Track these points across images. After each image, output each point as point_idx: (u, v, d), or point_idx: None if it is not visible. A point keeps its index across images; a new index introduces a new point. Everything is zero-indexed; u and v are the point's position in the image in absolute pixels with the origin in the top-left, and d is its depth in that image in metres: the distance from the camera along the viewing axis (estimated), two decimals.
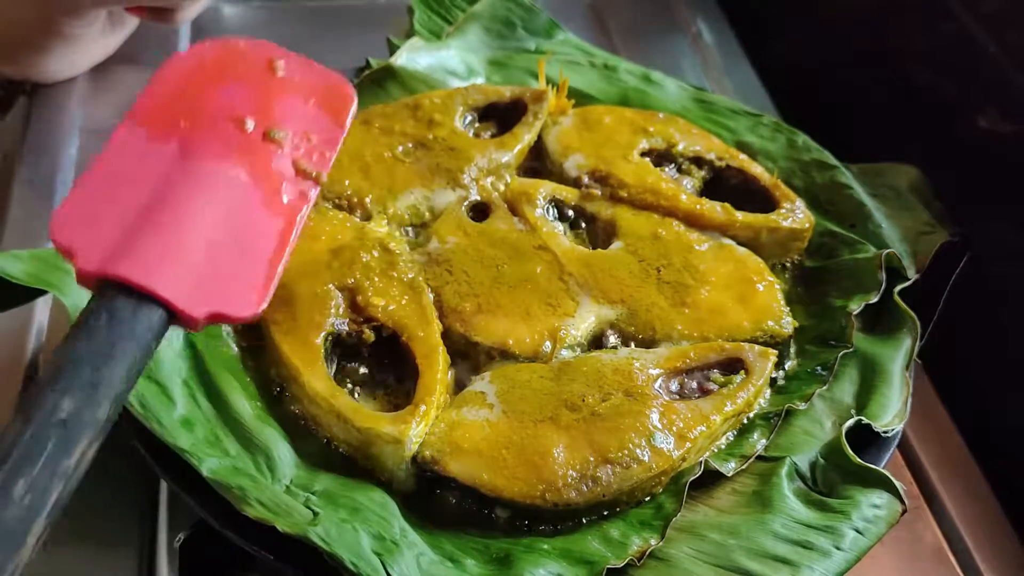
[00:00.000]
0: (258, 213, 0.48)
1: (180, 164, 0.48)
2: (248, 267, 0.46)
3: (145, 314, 0.42)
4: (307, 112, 0.54)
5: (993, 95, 0.72)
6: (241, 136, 0.51)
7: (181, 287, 0.43)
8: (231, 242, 0.46)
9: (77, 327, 0.41)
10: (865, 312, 0.63)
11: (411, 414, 0.54)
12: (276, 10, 0.99)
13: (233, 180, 0.49)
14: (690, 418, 0.55)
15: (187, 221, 0.45)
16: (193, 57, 0.54)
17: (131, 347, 0.41)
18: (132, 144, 0.49)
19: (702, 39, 1.00)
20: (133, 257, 0.43)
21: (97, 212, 0.45)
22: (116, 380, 0.40)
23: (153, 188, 0.47)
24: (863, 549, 0.52)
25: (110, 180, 0.47)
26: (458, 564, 0.51)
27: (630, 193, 0.69)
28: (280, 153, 0.51)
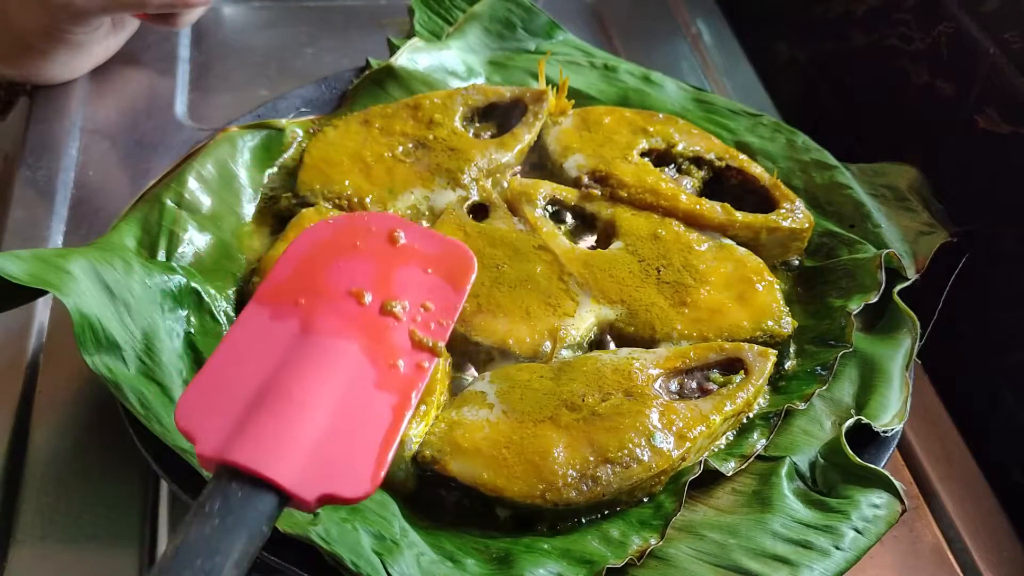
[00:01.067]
0: (373, 390, 0.48)
1: (299, 341, 0.49)
2: (361, 446, 0.46)
3: (258, 499, 0.42)
4: (425, 281, 0.55)
5: (993, 95, 0.72)
6: (359, 310, 0.52)
7: (294, 471, 0.43)
8: (346, 421, 0.46)
9: (192, 515, 0.41)
10: (865, 312, 0.64)
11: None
12: (276, 10, 0.99)
13: (350, 356, 0.49)
14: (690, 418, 0.55)
15: (303, 401, 0.46)
16: (317, 233, 0.55)
17: (242, 535, 0.41)
18: (256, 324, 0.50)
19: (702, 39, 1.01)
20: (248, 442, 0.43)
21: (218, 395, 0.46)
22: (228, 569, 0.40)
23: (272, 367, 0.47)
24: (863, 549, 0.52)
25: (232, 361, 0.48)
26: (458, 564, 0.51)
27: (630, 193, 0.69)
28: (397, 325, 0.52)
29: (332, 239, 0.55)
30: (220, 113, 0.85)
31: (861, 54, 0.89)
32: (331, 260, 0.54)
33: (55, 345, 0.65)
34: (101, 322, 0.55)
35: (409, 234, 0.56)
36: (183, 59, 0.92)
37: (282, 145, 0.72)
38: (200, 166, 0.67)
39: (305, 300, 0.51)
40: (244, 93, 0.88)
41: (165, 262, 0.62)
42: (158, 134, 0.83)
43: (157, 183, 0.66)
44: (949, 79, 0.77)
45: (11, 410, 0.61)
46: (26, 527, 0.56)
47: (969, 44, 0.74)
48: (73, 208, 0.75)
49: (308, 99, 0.77)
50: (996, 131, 0.72)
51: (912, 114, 0.82)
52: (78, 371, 0.62)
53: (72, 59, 0.82)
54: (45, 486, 0.58)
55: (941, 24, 0.77)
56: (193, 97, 0.88)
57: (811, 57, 0.97)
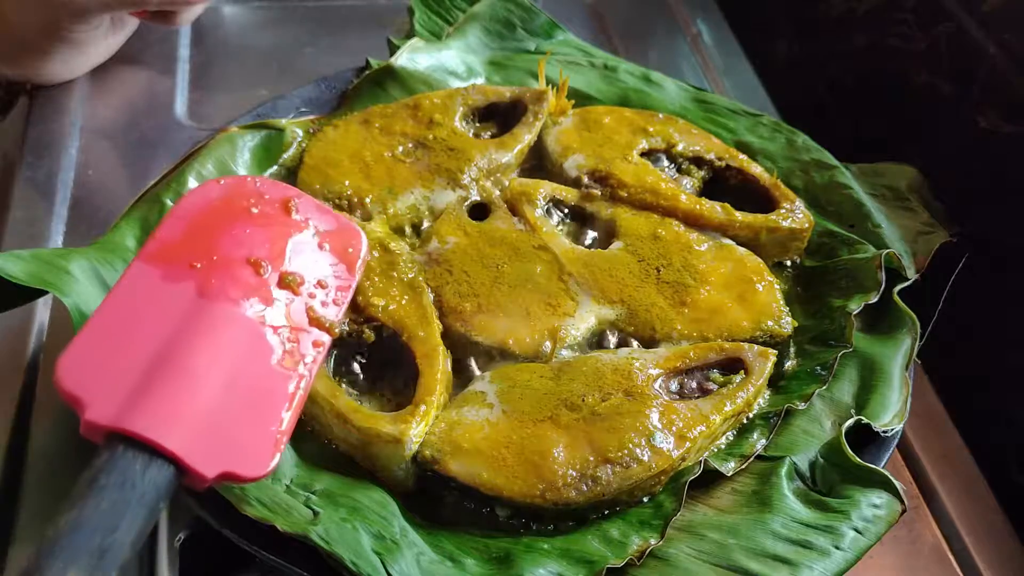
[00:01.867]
0: (272, 365, 0.47)
1: (195, 308, 0.46)
2: (260, 423, 0.44)
3: (155, 473, 0.40)
4: (321, 257, 0.53)
5: (993, 95, 0.72)
6: (258, 281, 0.49)
7: (193, 445, 0.41)
8: (244, 395, 0.44)
9: (84, 487, 0.39)
10: (865, 312, 0.63)
11: (411, 414, 0.54)
12: (276, 10, 0.99)
13: (249, 329, 0.47)
14: (690, 418, 0.55)
15: (201, 372, 0.44)
16: (208, 193, 0.52)
17: (141, 510, 0.39)
18: (144, 284, 0.47)
19: (702, 39, 1.01)
20: (146, 411, 0.41)
21: (107, 357, 0.43)
22: (125, 546, 0.38)
23: (167, 332, 0.45)
24: (862, 549, 0.52)
25: (121, 322, 0.45)
26: (458, 564, 0.51)
27: (630, 193, 0.69)
28: (294, 300, 0.50)
29: (225, 202, 0.52)
30: (220, 113, 0.85)
31: (861, 54, 0.89)
32: (226, 224, 0.51)
33: (55, 345, 0.65)
34: None
35: (303, 206, 0.54)
36: (183, 59, 0.92)
37: (282, 145, 0.72)
38: (200, 166, 0.67)
39: (201, 264, 0.48)
40: (244, 93, 0.88)
41: None
42: (158, 134, 0.83)
43: (157, 183, 0.66)
44: (949, 79, 0.77)
45: (11, 410, 0.61)
46: (26, 527, 0.56)
47: (969, 44, 0.74)
48: (73, 208, 0.75)
49: (308, 99, 0.77)
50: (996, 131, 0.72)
51: (912, 114, 0.82)
52: None
53: (72, 58, 0.82)
54: (45, 486, 0.58)
55: (941, 24, 0.77)
56: (193, 97, 0.88)
57: (811, 57, 0.97)
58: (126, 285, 0.47)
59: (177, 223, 0.50)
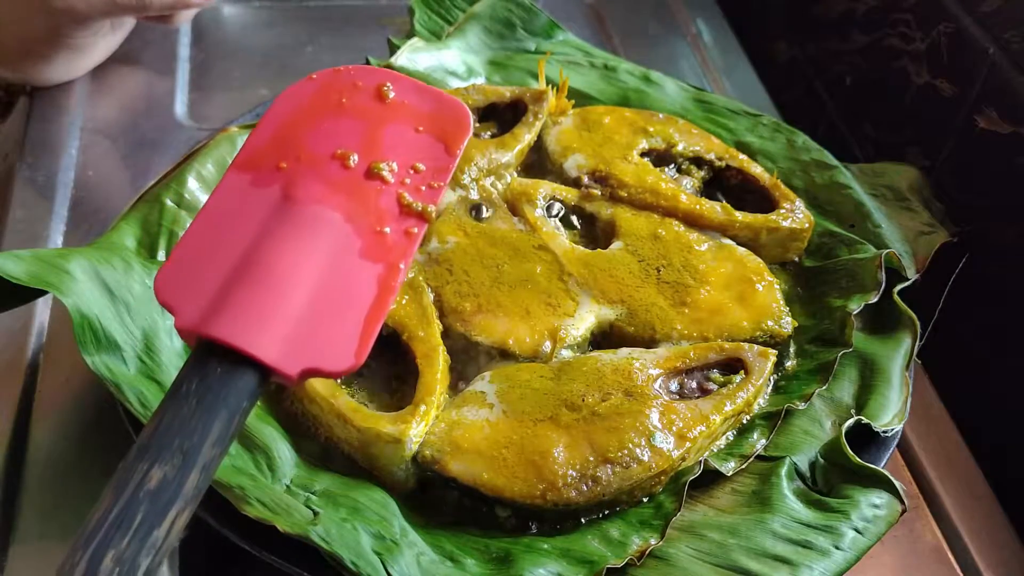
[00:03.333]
0: (358, 260, 0.46)
1: (280, 210, 0.46)
2: (346, 318, 0.44)
3: (238, 376, 0.40)
4: (416, 141, 0.51)
5: (993, 95, 0.72)
6: (344, 174, 0.49)
7: (276, 345, 0.41)
8: (329, 292, 0.44)
9: (169, 395, 0.40)
10: (865, 312, 0.63)
11: (411, 414, 0.54)
12: (276, 10, 0.99)
13: (334, 225, 0.46)
14: (690, 418, 0.55)
15: (285, 273, 0.44)
16: (300, 91, 0.51)
17: (222, 413, 0.39)
18: (235, 192, 0.47)
19: (702, 39, 1.01)
20: (228, 316, 0.41)
21: (198, 266, 0.44)
22: (206, 448, 0.39)
23: (252, 237, 0.45)
24: (863, 549, 0.52)
25: (212, 231, 0.45)
26: (458, 564, 0.51)
27: (630, 193, 0.69)
28: (384, 188, 0.49)
29: (315, 98, 0.51)
30: (220, 113, 0.85)
31: (861, 54, 0.89)
32: (315, 121, 0.50)
33: (55, 345, 0.65)
34: (101, 322, 0.55)
35: (399, 88, 0.52)
36: (183, 59, 0.92)
37: None
38: (200, 166, 0.67)
39: (287, 164, 0.48)
40: (244, 92, 0.88)
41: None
42: (158, 134, 0.83)
43: (157, 183, 0.66)
44: (949, 79, 0.77)
45: (11, 410, 0.61)
46: (26, 527, 0.56)
47: (969, 44, 0.74)
48: (73, 208, 0.75)
49: None
50: (996, 131, 0.72)
51: (912, 114, 0.82)
52: (78, 371, 0.62)
53: (72, 61, 0.82)
54: (45, 486, 0.58)
55: (941, 24, 0.77)
56: (193, 97, 0.88)
57: (811, 57, 0.97)
58: (218, 195, 0.47)
59: (268, 126, 0.50)
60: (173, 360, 0.57)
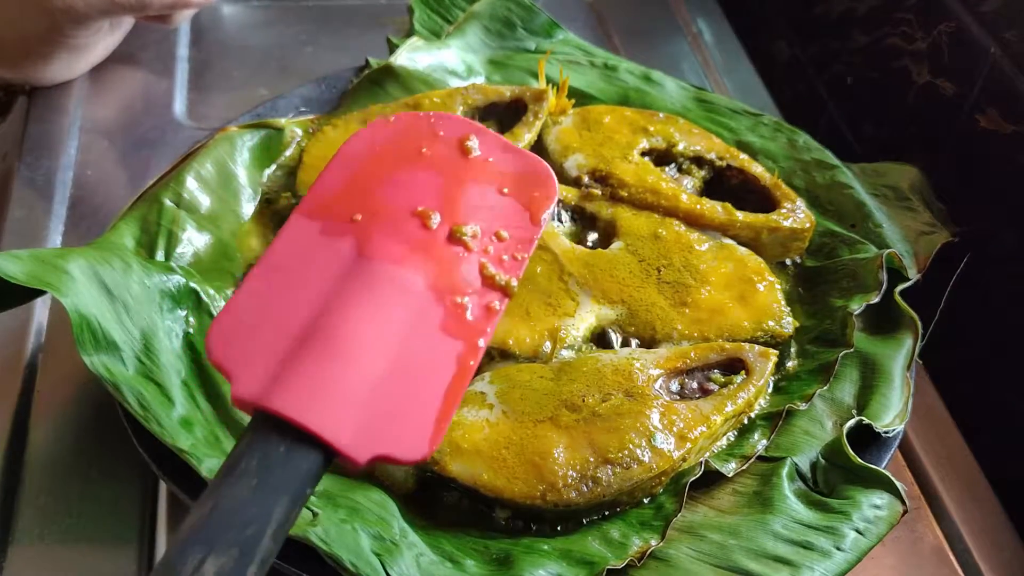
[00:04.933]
0: (438, 333, 0.42)
1: (354, 267, 0.42)
2: (421, 401, 0.39)
3: (302, 457, 0.36)
4: (500, 204, 0.47)
5: (993, 95, 0.72)
6: (425, 235, 0.44)
7: (347, 427, 0.37)
8: (405, 370, 0.40)
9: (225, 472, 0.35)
10: (866, 312, 0.63)
11: None
12: (276, 9, 0.99)
13: (414, 291, 0.42)
14: (690, 418, 0.55)
15: (358, 342, 0.39)
16: (376, 135, 0.47)
17: (284, 500, 0.35)
18: (301, 241, 0.42)
19: (702, 39, 1.00)
20: (296, 388, 0.37)
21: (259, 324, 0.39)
22: (266, 540, 0.34)
23: (322, 296, 0.40)
24: (864, 549, 0.52)
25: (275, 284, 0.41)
26: (458, 564, 0.51)
27: (630, 193, 0.69)
28: (467, 256, 0.44)
29: (393, 144, 0.47)
30: (219, 112, 0.85)
31: (862, 53, 0.89)
32: (393, 170, 0.46)
33: (54, 345, 0.65)
34: (100, 322, 0.55)
35: (484, 144, 0.48)
36: (182, 58, 0.92)
37: (281, 145, 0.71)
38: (199, 166, 0.67)
39: (362, 217, 0.43)
40: (243, 92, 0.88)
41: (164, 262, 0.61)
42: (157, 133, 0.83)
43: (156, 183, 0.66)
44: (950, 78, 0.77)
45: (10, 410, 0.61)
46: (25, 527, 0.56)
47: (970, 43, 0.74)
48: (72, 208, 0.75)
49: (307, 98, 0.77)
50: (997, 131, 0.72)
51: (913, 114, 0.82)
52: (77, 371, 0.62)
53: (71, 61, 0.82)
54: (44, 486, 0.58)
55: (942, 23, 0.77)
56: (192, 96, 0.88)
57: (812, 56, 0.97)
58: (283, 243, 0.42)
59: (340, 171, 0.45)
60: (172, 360, 0.56)
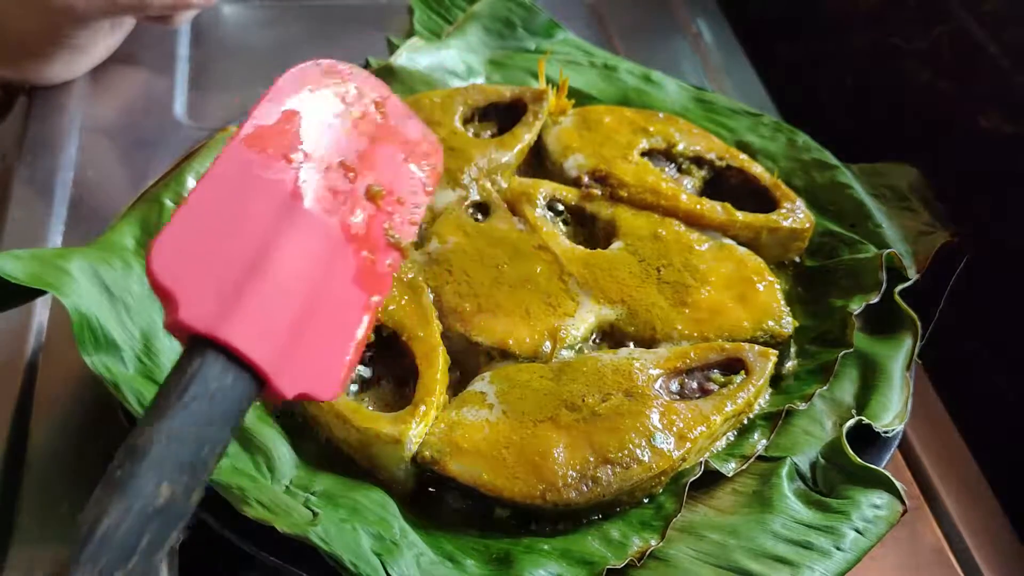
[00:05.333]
0: (350, 285, 0.44)
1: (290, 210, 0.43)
2: (335, 344, 0.42)
3: (241, 387, 0.37)
4: (403, 169, 0.49)
5: (993, 95, 0.72)
6: (349, 188, 0.46)
7: (279, 360, 0.38)
8: (325, 312, 0.42)
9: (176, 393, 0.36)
10: (865, 312, 0.63)
11: (411, 414, 0.54)
12: (276, 10, 0.99)
13: (336, 240, 0.44)
14: (690, 418, 0.55)
15: (290, 281, 0.40)
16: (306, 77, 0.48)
17: (227, 425, 0.36)
18: (242, 171, 0.43)
19: (702, 39, 1.00)
20: (240, 320, 0.38)
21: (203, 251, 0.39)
22: (211, 463, 0.36)
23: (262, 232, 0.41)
24: (863, 549, 0.52)
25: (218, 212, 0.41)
26: (458, 564, 0.51)
27: (630, 193, 0.69)
28: (377, 215, 0.47)
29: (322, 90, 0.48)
30: (219, 112, 0.85)
31: (861, 54, 0.89)
32: (321, 116, 0.47)
33: (54, 345, 0.65)
34: (100, 322, 0.55)
35: (393, 109, 0.50)
36: (182, 58, 0.92)
37: None
38: (199, 165, 0.67)
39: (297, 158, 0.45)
40: (243, 92, 0.87)
41: None
42: (157, 133, 0.83)
43: (156, 183, 0.66)
44: (950, 79, 0.77)
45: (10, 410, 0.61)
46: (26, 527, 0.56)
47: (970, 44, 0.74)
48: (72, 208, 0.75)
49: None
50: (997, 131, 0.72)
51: (912, 114, 0.82)
52: (77, 371, 0.62)
53: (72, 61, 0.82)
54: (44, 486, 0.58)
55: (941, 24, 0.77)
56: (192, 96, 0.88)
57: (811, 57, 0.97)
58: (223, 167, 0.43)
59: (274, 106, 0.46)
60: (172, 360, 0.56)
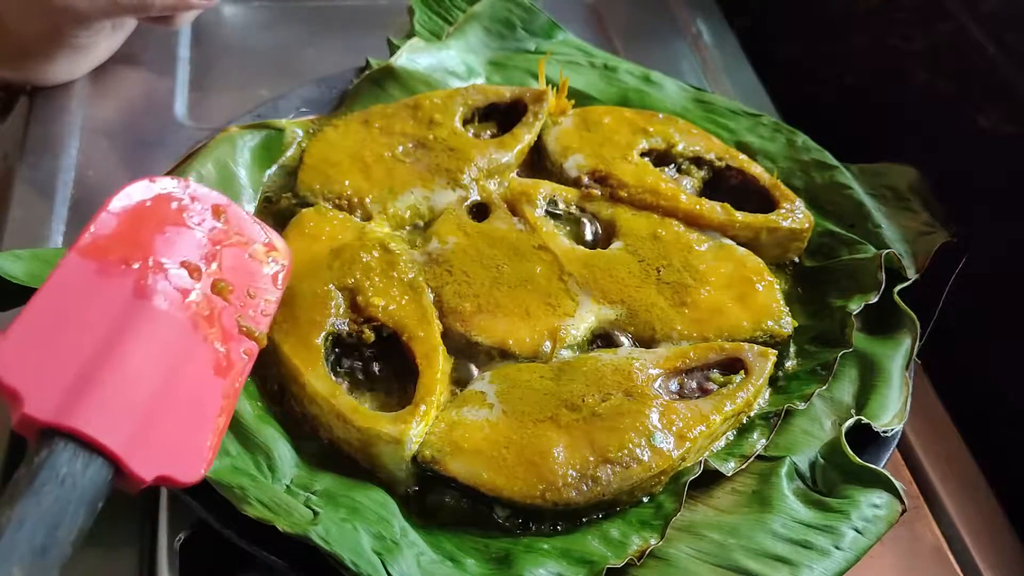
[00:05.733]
0: (206, 371, 0.47)
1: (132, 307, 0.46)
2: (194, 428, 0.45)
3: (94, 471, 0.40)
4: (249, 268, 0.54)
5: (993, 95, 0.72)
6: (193, 285, 0.50)
7: (132, 445, 0.41)
8: (179, 399, 0.45)
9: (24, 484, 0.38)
10: (865, 312, 0.63)
11: (411, 414, 0.54)
12: (276, 10, 0.99)
13: (184, 332, 0.48)
14: (690, 418, 0.55)
15: (139, 371, 0.44)
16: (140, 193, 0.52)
17: (80, 509, 0.38)
18: (81, 278, 0.47)
19: (702, 40, 1.00)
20: (87, 408, 0.40)
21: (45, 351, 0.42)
22: (66, 544, 0.38)
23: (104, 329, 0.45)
24: (863, 549, 0.52)
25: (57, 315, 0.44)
26: (458, 564, 0.51)
27: (630, 193, 0.69)
28: (226, 308, 0.51)
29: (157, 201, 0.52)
30: (220, 113, 0.85)
31: (861, 54, 0.89)
32: (161, 224, 0.51)
33: None
34: None
35: (233, 215, 0.55)
36: (183, 59, 0.92)
37: (282, 145, 0.72)
38: (200, 166, 0.67)
39: (138, 263, 0.48)
40: (244, 93, 0.88)
41: None
42: (158, 134, 0.83)
43: None
44: (949, 79, 0.77)
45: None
46: None
47: (969, 44, 0.74)
48: (73, 208, 0.75)
49: (308, 99, 0.77)
50: (996, 131, 0.72)
51: (912, 114, 0.82)
52: None
53: (73, 61, 0.82)
54: None
55: (941, 24, 0.77)
56: (193, 97, 0.88)
57: (811, 57, 0.97)
58: (61, 276, 0.46)
59: (111, 218, 0.50)
60: None
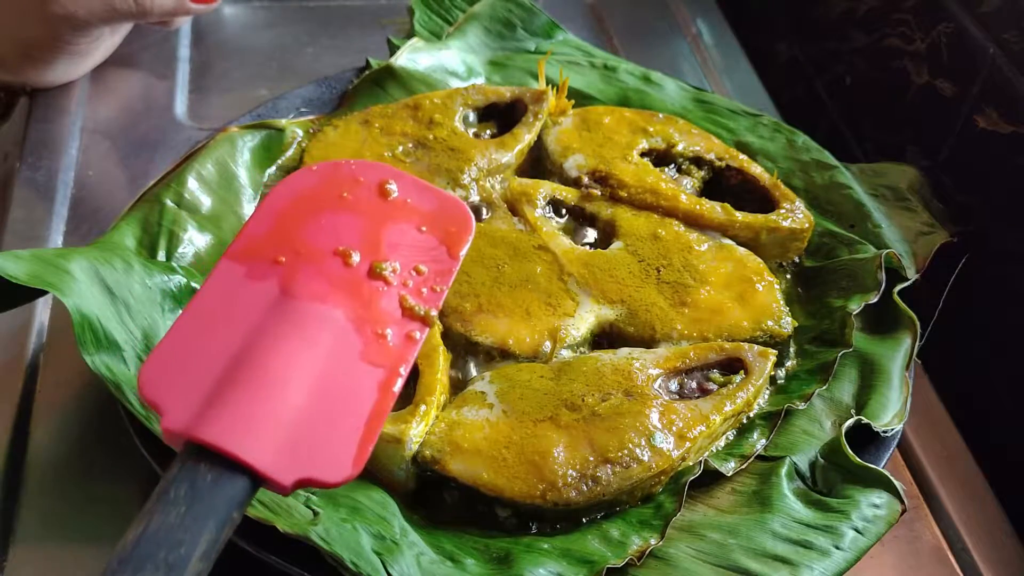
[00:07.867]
0: (358, 363, 0.45)
1: (277, 306, 0.45)
2: (343, 426, 0.42)
3: (229, 483, 0.39)
4: (419, 241, 0.51)
5: (993, 95, 0.72)
6: (345, 272, 0.48)
7: (270, 452, 0.40)
8: (327, 397, 0.43)
9: (155, 499, 0.38)
10: (865, 312, 0.64)
11: (411, 414, 0.54)
12: (276, 10, 0.99)
13: (334, 325, 0.45)
14: (690, 418, 0.55)
15: (281, 374, 0.42)
16: (298, 183, 0.50)
17: (211, 523, 0.38)
18: (229, 283, 0.46)
19: (702, 39, 1.00)
20: (220, 419, 0.40)
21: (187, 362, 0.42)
22: (193, 561, 0.37)
23: (247, 333, 0.43)
24: (862, 549, 0.52)
25: (203, 324, 0.44)
26: (458, 564, 0.51)
27: (630, 193, 0.69)
28: (387, 290, 0.48)
29: (315, 190, 0.50)
30: (220, 113, 0.85)
31: (861, 54, 0.89)
32: (315, 214, 0.49)
33: (55, 345, 0.65)
34: (101, 322, 0.55)
35: (402, 186, 0.52)
36: (183, 59, 0.92)
37: (282, 145, 0.72)
38: (200, 166, 0.67)
39: (285, 259, 0.47)
40: (244, 93, 0.88)
41: (165, 262, 0.62)
42: (158, 134, 0.83)
43: (157, 183, 0.66)
44: (949, 79, 0.77)
45: (11, 410, 0.61)
46: (26, 527, 0.56)
47: (969, 44, 0.74)
48: (73, 208, 0.75)
49: (308, 99, 0.77)
50: (996, 131, 0.72)
51: (912, 114, 0.82)
52: (78, 371, 0.62)
53: (72, 64, 0.82)
54: (45, 486, 0.58)
55: (941, 24, 0.77)
56: (193, 97, 0.88)
57: (811, 57, 0.97)
58: (209, 286, 0.45)
59: (265, 216, 0.48)
60: None
